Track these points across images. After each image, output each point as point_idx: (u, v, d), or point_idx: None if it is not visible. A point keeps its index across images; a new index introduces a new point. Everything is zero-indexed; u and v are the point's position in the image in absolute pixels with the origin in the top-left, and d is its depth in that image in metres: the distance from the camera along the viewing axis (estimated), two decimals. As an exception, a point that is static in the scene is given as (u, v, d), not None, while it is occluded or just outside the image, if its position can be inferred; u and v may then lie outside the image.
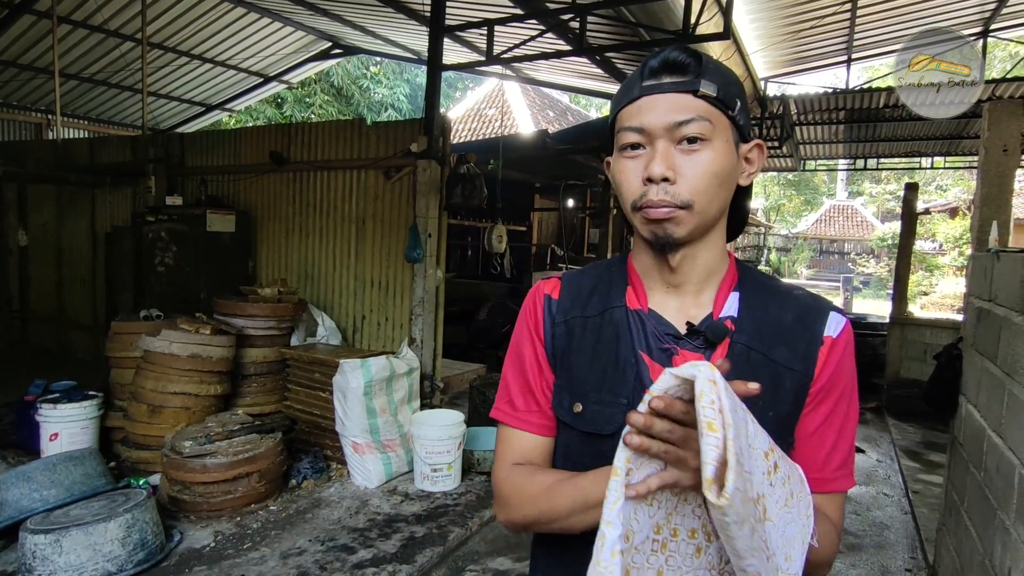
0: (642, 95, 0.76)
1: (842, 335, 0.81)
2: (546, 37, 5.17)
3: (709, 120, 0.74)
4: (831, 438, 0.81)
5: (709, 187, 0.75)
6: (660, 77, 0.76)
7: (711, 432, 0.56)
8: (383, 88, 16.03)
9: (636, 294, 0.85)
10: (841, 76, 7.85)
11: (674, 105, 0.74)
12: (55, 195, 6.76)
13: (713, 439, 0.56)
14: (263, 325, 4.21)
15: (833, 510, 0.82)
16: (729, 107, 0.76)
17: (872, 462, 4.84)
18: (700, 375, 0.59)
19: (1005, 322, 2.04)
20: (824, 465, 0.81)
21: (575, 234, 10.10)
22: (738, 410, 0.61)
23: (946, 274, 17.02)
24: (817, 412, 0.80)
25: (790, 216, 30.15)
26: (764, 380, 0.75)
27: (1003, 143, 3.20)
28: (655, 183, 0.74)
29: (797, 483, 0.70)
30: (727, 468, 0.56)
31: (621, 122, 0.78)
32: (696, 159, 0.74)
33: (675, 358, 0.79)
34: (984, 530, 2.09)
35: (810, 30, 6.54)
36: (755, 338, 0.80)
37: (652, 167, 0.74)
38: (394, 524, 3.36)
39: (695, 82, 0.74)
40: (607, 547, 0.62)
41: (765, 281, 0.86)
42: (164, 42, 7.60)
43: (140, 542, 2.74)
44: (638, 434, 0.62)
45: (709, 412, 0.57)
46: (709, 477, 0.56)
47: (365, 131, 4.75)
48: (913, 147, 9.65)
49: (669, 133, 0.74)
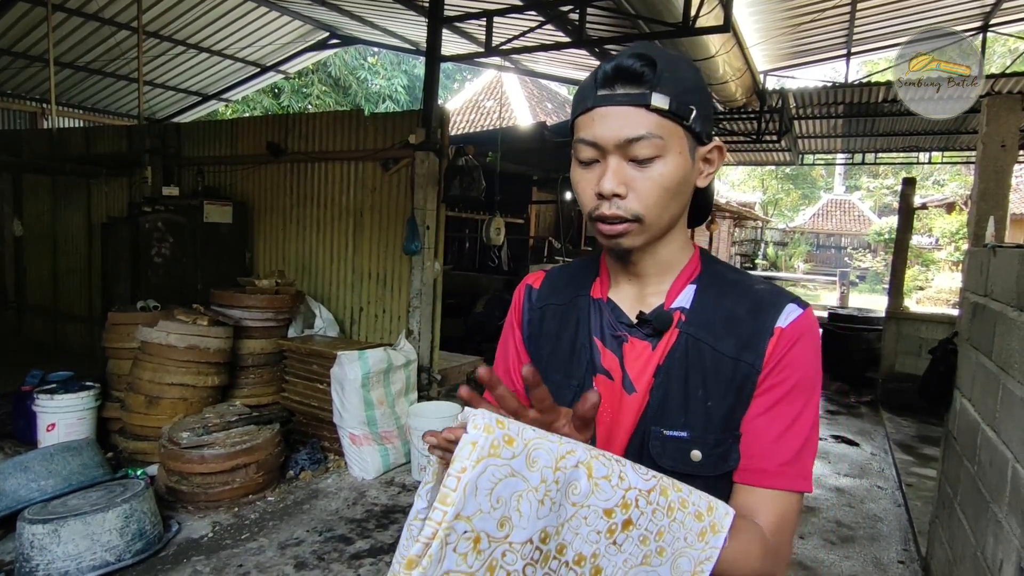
0: (595, 106, 0.75)
1: (794, 326, 0.78)
2: (545, 28, 5.15)
3: (660, 136, 0.74)
4: (776, 429, 0.76)
5: (660, 201, 0.76)
6: (613, 87, 0.74)
7: (441, 506, 0.54)
8: (381, 79, 15.94)
9: (601, 284, 0.89)
10: (840, 70, 7.85)
11: (625, 120, 0.73)
12: (50, 185, 6.72)
13: (437, 514, 0.54)
14: (260, 317, 4.20)
15: (773, 514, 0.74)
16: (683, 117, 0.75)
17: (866, 455, 4.87)
18: (465, 436, 0.56)
19: (1000, 317, 2.05)
20: (765, 455, 0.76)
21: (572, 227, 10.09)
22: (528, 472, 0.57)
23: (942, 269, 17.07)
24: (762, 400, 0.77)
25: (788, 210, 30.18)
26: (708, 370, 0.78)
27: (1001, 139, 3.20)
28: (606, 198, 0.75)
29: (680, 539, 0.64)
30: (425, 556, 0.54)
31: (577, 131, 0.78)
32: (647, 174, 0.75)
33: (625, 345, 0.82)
34: (977, 523, 2.11)
35: (810, 23, 6.52)
36: (703, 329, 0.80)
37: (603, 183, 0.75)
38: (391, 515, 3.38)
39: (646, 96, 0.73)
40: (410, 515, 0.69)
41: (726, 274, 0.86)
42: (160, 31, 7.54)
43: (138, 532, 2.75)
44: (438, 449, 0.64)
45: (451, 481, 0.55)
46: (412, 555, 0.54)
47: (363, 122, 4.72)
48: (911, 142, 9.66)
49: (619, 149, 0.74)
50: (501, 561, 0.57)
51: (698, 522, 0.65)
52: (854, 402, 6.47)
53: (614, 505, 0.61)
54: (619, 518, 0.61)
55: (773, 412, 0.77)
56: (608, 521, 0.61)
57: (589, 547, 0.60)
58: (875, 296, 17.26)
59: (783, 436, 0.76)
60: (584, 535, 0.60)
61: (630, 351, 0.82)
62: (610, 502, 0.61)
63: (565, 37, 5.00)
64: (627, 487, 0.62)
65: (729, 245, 20.68)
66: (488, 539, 0.56)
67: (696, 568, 0.64)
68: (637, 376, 0.81)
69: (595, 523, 0.60)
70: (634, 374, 0.81)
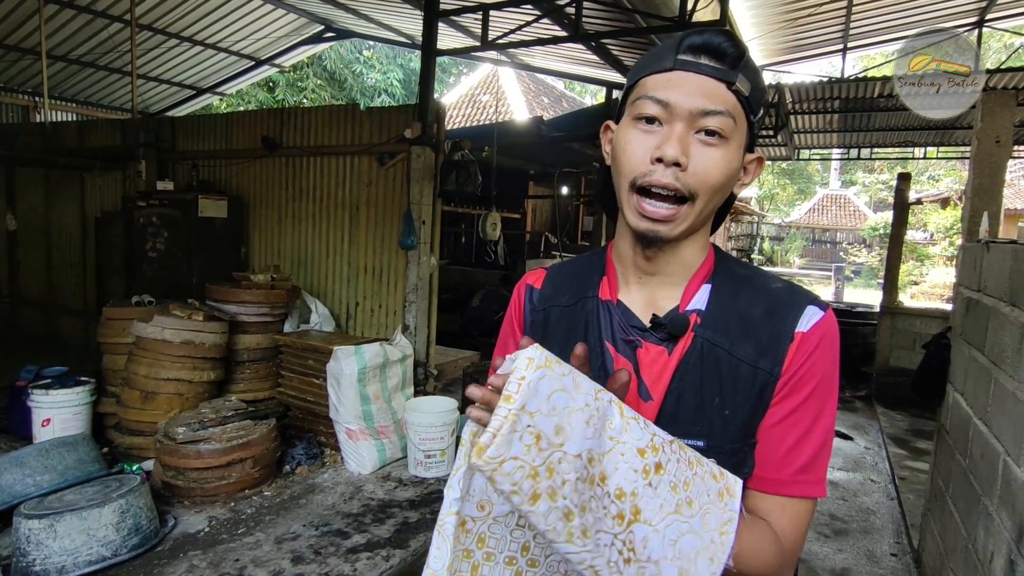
0: (676, 68, 0.71)
1: (815, 330, 0.75)
2: (542, 23, 5.13)
3: (733, 118, 0.71)
4: (792, 437, 0.74)
5: (715, 184, 0.72)
6: (699, 56, 0.71)
7: (505, 403, 0.57)
8: (376, 73, 15.86)
9: (609, 285, 0.84)
10: (837, 65, 7.85)
11: (706, 90, 0.70)
12: (44, 179, 6.67)
13: (502, 410, 0.56)
14: (256, 311, 4.19)
15: (786, 519, 0.73)
16: (754, 111, 0.74)
17: (860, 449, 4.91)
18: (521, 353, 0.60)
19: (993, 312, 2.06)
20: (781, 464, 0.74)
21: (569, 222, 10.09)
22: (574, 392, 0.59)
23: (936, 264, 17.14)
24: (779, 408, 0.74)
25: (783, 205, 30.23)
26: (724, 377, 0.74)
27: (996, 134, 3.21)
28: (665, 165, 0.70)
29: (704, 494, 0.64)
30: (497, 435, 0.56)
31: (643, 89, 0.73)
32: (711, 153, 0.71)
33: (639, 350, 0.78)
34: (968, 515, 2.13)
35: (806, 18, 6.52)
36: (719, 332, 0.76)
37: (666, 147, 0.70)
38: (388, 509, 3.38)
39: (733, 74, 0.71)
40: (445, 507, 0.68)
41: (741, 273, 0.82)
42: (153, 23, 7.47)
43: (134, 527, 2.75)
44: (478, 408, 0.62)
45: (511, 386, 0.57)
46: (481, 443, 0.56)
47: (359, 117, 4.70)
48: (906, 137, 9.66)
49: (692, 118, 0.70)
50: (558, 467, 0.58)
51: (715, 482, 0.66)
52: (849, 396, 6.51)
53: (645, 446, 0.62)
54: (651, 460, 0.62)
55: (790, 420, 0.75)
56: (642, 460, 0.62)
57: (629, 484, 0.61)
58: (870, 291, 17.33)
59: (799, 444, 0.74)
60: (623, 471, 0.61)
61: (645, 356, 0.78)
62: (641, 442, 0.62)
63: (562, 31, 4.98)
64: (653, 432, 0.64)
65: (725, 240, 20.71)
66: (547, 441, 0.58)
67: (721, 528, 0.65)
68: (653, 383, 0.77)
69: (631, 460, 0.61)
70: (650, 381, 0.77)
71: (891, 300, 6.46)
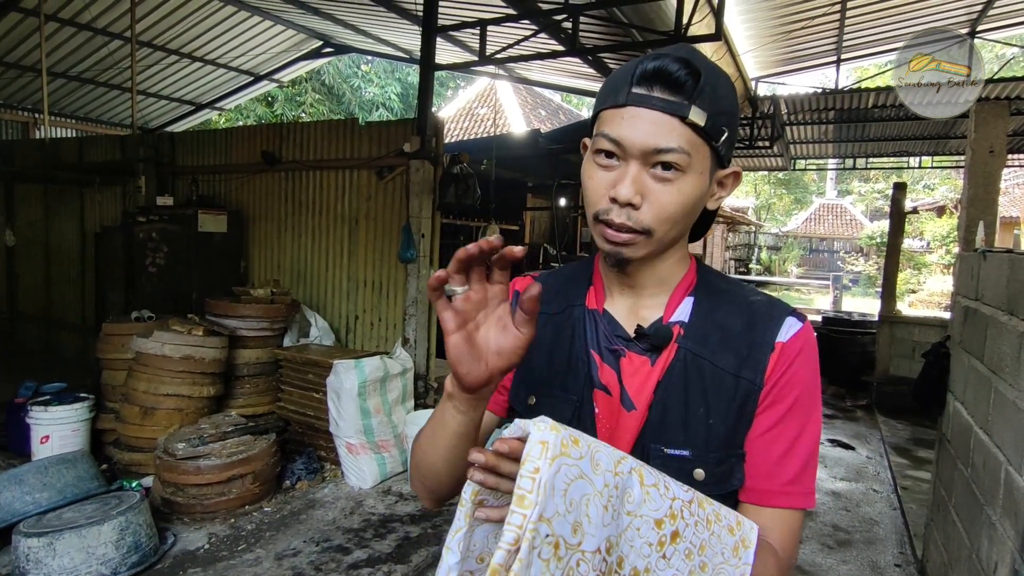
0: (628, 104, 0.71)
1: (795, 340, 0.77)
2: (539, 37, 5.18)
3: (689, 153, 0.71)
4: (780, 447, 0.75)
5: (672, 217, 0.74)
6: (651, 87, 0.71)
7: (519, 508, 0.51)
8: (374, 87, 15.98)
9: (596, 294, 0.85)
10: (831, 76, 7.91)
11: (657, 128, 0.70)
12: (43, 194, 6.69)
13: (517, 518, 0.51)
14: (256, 326, 4.19)
15: (781, 532, 0.74)
16: (715, 138, 0.73)
17: (862, 459, 4.89)
18: (533, 434, 0.54)
19: (991, 321, 2.07)
20: (770, 475, 0.75)
21: (567, 233, 10.12)
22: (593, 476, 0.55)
23: (933, 272, 17.20)
24: (764, 418, 0.76)
25: (780, 215, 30.37)
26: (708, 387, 0.76)
27: (990, 144, 3.24)
28: (619, 206, 0.72)
29: (719, 554, 0.63)
30: (516, 557, 0.50)
31: (601, 124, 0.75)
32: (666, 188, 0.72)
33: (622, 359, 0.80)
34: (971, 525, 2.12)
35: (801, 31, 6.59)
36: (702, 344, 0.78)
37: (619, 189, 0.71)
38: (389, 524, 3.36)
39: (685, 107, 0.70)
40: (443, 571, 0.62)
41: (722, 286, 0.84)
42: (153, 40, 7.54)
43: (134, 544, 2.73)
44: (481, 471, 0.60)
45: (525, 483, 0.52)
46: (495, 564, 0.51)
47: (358, 131, 4.74)
48: (901, 147, 9.75)
49: (644, 156, 0.71)
50: (576, 571, 0.54)
51: (731, 536, 0.65)
52: (850, 406, 6.50)
53: (663, 515, 0.60)
54: (668, 529, 0.60)
55: (776, 431, 0.76)
56: (659, 533, 0.60)
57: (642, 561, 0.59)
58: (868, 299, 17.35)
59: (786, 455, 0.75)
60: (638, 548, 0.59)
61: (628, 366, 0.80)
62: (659, 512, 0.60)
63: (559, 46, 5.02)
64: (672, 496, 0.62)
65: (723, 250, 20.77)
66: (565, 546, 0.53)
67: None
68: (636, 393, 0.78)
69: (647, 534, 0.59)
70: (633, 391, 0.78)
71: (889, 309, 6.48)
